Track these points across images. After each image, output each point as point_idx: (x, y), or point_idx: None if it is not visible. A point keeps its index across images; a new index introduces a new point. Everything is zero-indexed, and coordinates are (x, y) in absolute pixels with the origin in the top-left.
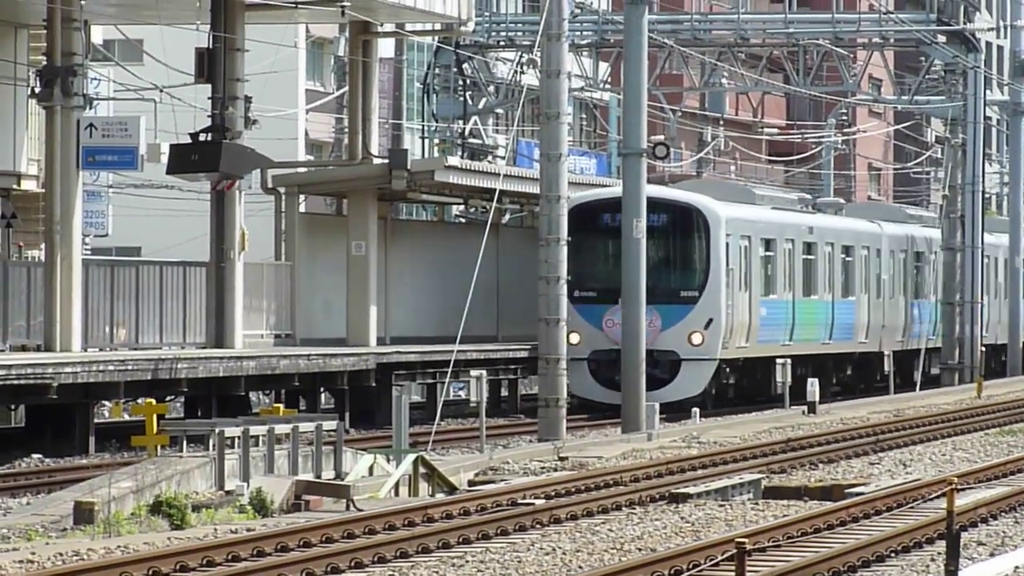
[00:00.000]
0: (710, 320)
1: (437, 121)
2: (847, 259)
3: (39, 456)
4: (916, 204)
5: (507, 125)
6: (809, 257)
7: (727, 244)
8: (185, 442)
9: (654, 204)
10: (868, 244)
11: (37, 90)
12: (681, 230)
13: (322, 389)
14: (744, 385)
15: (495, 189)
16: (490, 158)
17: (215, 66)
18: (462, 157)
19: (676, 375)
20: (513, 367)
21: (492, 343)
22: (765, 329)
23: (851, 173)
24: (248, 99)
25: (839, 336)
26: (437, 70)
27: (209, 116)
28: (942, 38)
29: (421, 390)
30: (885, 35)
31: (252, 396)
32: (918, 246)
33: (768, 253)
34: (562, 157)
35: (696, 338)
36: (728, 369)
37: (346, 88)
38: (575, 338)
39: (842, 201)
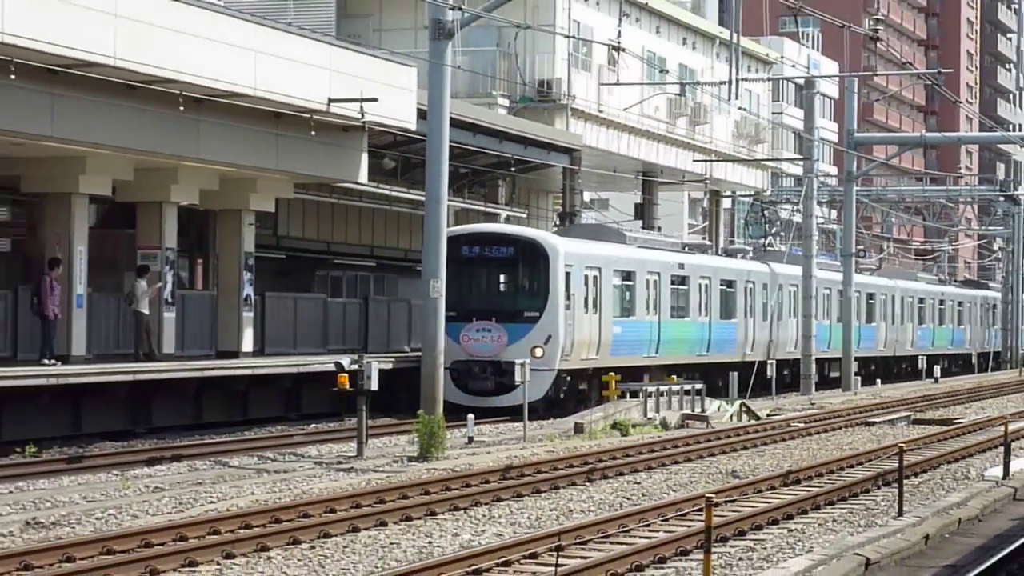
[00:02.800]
0: (549, 336)
1: (752, 238)
2: (728, 290)
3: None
4: (991, 281)
5: (786, 240)
6: (681, 287)
7: (567, 273)
8: (628, 394)
9: (504, 239)
10: (754, 280)
11: (556, 224)
12: (525, 261)
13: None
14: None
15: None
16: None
17: (645, 212)
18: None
19: None
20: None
21: None
22: (622, 344)
23: (956, 265)
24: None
25: (719, 349)
26: (750, 213)
27: None
28: (1002, 198)
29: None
30: (974, 196)
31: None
32: (797, 282)
33: (627, 283)
34: (812, 258)
35: (537, 351)
36: (570, 378)
37: (706, 223)
38: None
39: (778, 250)
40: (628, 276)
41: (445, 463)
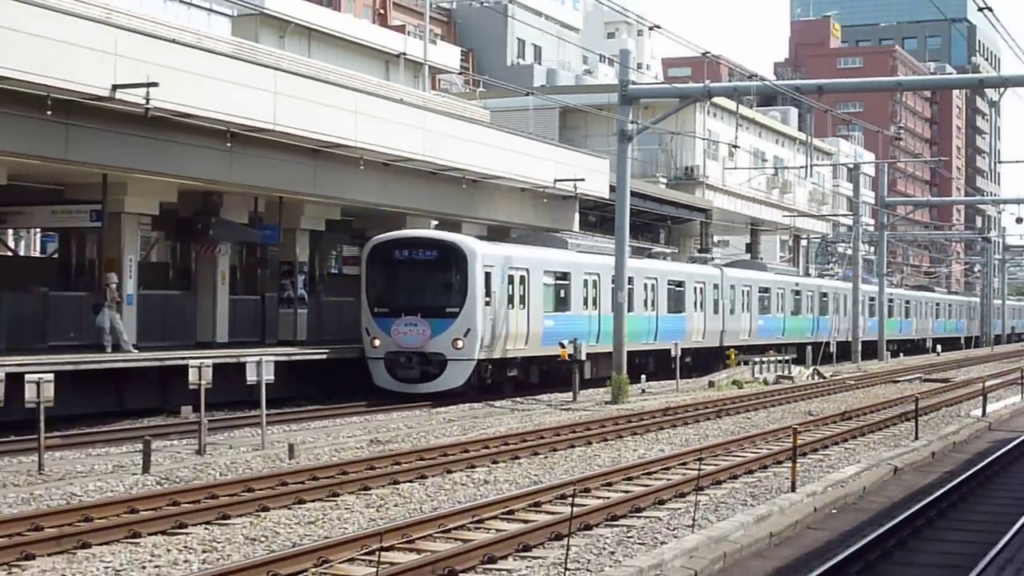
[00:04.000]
0: (468, 330)
1: (819, 265)
2: (677, 289)
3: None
4: (972, 293)
5: (842, 266)
6: (628, 286)
7: (487, 273)
8: (741, 362)
9: (429, 243)
10: (704, 281)
11: (690, 258)
12: (446, 262)
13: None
14: (543, 372)
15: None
16: (837, 276)
17: (752, 249)
18: (832, 277)
19: (444, 371)
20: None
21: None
22: (556, 335)
23: (951, 281)
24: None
25: (667, 337)
26: (819, 249)
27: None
28: (980, 239)
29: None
30: (961, 238)
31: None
32: (756, 284)
33: (562, 282)
34: (858, 277)
35: (459, 343)
36: (492, 367)
37: (791, 255)
38: (376, 342)
39: (709, 257)
40: (563, 276)
41: (628, 405)
